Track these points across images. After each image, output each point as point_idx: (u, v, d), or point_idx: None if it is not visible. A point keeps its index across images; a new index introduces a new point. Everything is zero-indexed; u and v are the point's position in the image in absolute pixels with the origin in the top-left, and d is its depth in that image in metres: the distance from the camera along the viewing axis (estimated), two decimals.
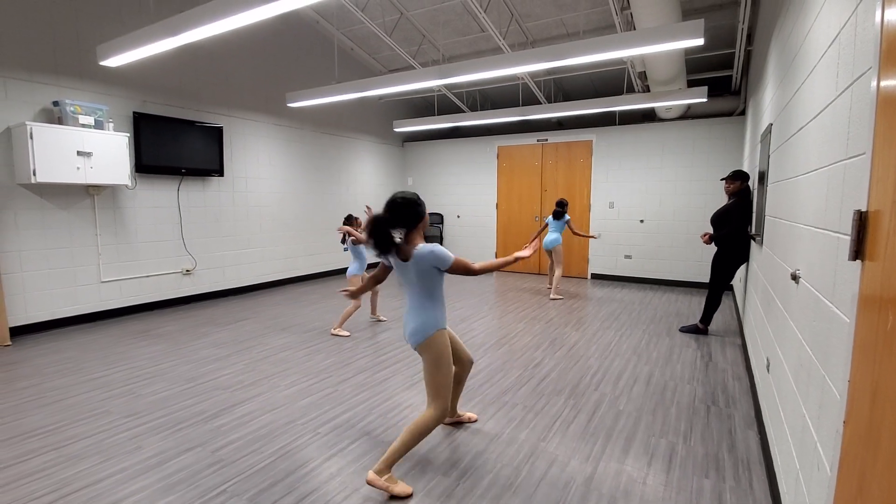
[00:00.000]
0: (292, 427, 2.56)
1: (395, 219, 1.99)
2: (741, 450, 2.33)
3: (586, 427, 2.57)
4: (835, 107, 1.42)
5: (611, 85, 7.25)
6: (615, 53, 3.64)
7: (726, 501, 1.93)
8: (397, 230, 1.99)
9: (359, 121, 8.01)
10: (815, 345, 1.44)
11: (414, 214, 2.00)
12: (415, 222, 2.02)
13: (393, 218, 1.99)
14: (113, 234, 4.89)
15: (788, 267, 2.03)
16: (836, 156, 1.37)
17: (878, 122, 1.03)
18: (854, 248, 1.10)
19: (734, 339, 4.22)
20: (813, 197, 1.65)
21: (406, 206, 1.99)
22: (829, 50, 1.52)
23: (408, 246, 2.00)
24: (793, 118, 2.17)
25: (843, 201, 1.28)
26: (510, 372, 3.38)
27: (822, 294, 1.42)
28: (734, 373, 3.39)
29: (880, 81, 1.01)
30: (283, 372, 3.37)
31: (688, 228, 6.67)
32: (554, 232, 5.92)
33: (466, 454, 2.29)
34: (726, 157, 6.38)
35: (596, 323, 4.75)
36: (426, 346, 2.02)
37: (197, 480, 2.07)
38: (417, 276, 2.00)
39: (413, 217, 2.00)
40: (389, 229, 1.98)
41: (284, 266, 6.83)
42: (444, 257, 1.96)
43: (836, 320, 1.23)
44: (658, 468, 2.17)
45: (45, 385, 3.14)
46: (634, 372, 3.40)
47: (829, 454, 1.19)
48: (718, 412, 2.75)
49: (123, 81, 4.88)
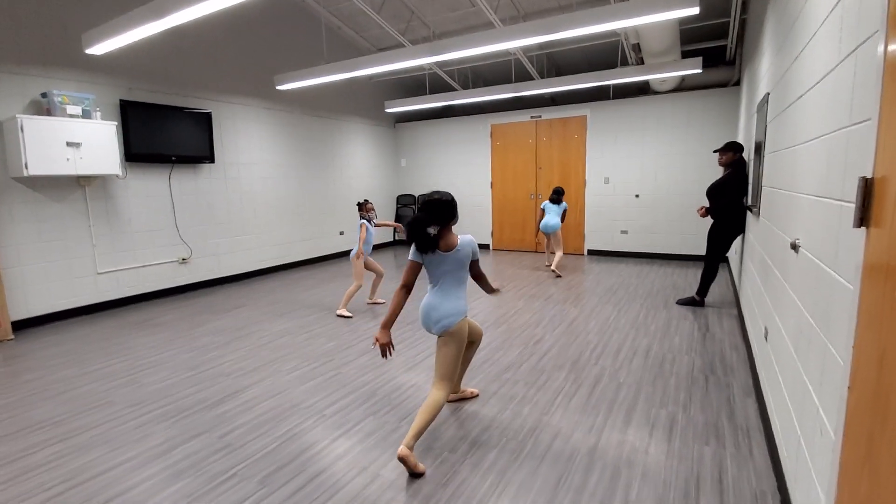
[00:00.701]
0: (297, 410, 2.58)
1: (432, 217, 2.13)
2: (740, 417, 2.38)
3: (588, 400, 2.61)
4: (837, 72, 1.40)
5: (604, 58, 7.15)
6: (609, 25, 3.57)
7: (727, 468, 1.97)
8: (433, 227, 2.13)
9: (349, 102, 7.87)
10: (816, 312, 1.46)
11: (449, 213, 2.16)
12: (448, 220, 2.17)
13: (430, 217, 2.13)
14: (107, 225, 4.83)
15: (787, 237, 2.04)
16: (838, 123, 1.36)
17: (886, 86, 1.01)
18: (859, 216, 1.10)
19: (730, 309, 4.27)
20: (814, 165, 1.64)
21: (442, 206, 2.14)
22: (832, 14, 1.49)
23: (445, 238, 2.16)
24: (792, 86, 2.14)
25: (846, 168, 1.27)
26: (511, 349, 3.41)
27: (823, 262, 1.43)
28: (731, 343, 3.43)
29: (888, 44, 1.00)
30: (284, 357, 3.38)
31: (683, 202, 6.68)
32: (553, 216, 5.90)
33: (472, 429, 2.32)
34: (721, 128, 6.35)
35: (594, 298, 4.78)
36: (453, 332, 2.16)
37: (205, 466, 2.09)
38: (456, 266, 2.18)
39: (448, 215, 2.16)
40: (427, 228, 2.12)
41: (279, 252, 6.80)
42: (477, 247, 2.24)
43: (839, 288, 1.24)
44: (659, 437, 2.21)
45: (50, 377, 3.13)
46: (633, 345, 3.44)
47: (832, 419, 1.21)
48: (717, 381, 2.80)
49: (109, 69, 4.75)
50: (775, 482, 1.87)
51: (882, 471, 0.87)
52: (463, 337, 2.18)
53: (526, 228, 7.98)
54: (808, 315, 1.56)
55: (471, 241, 2.21)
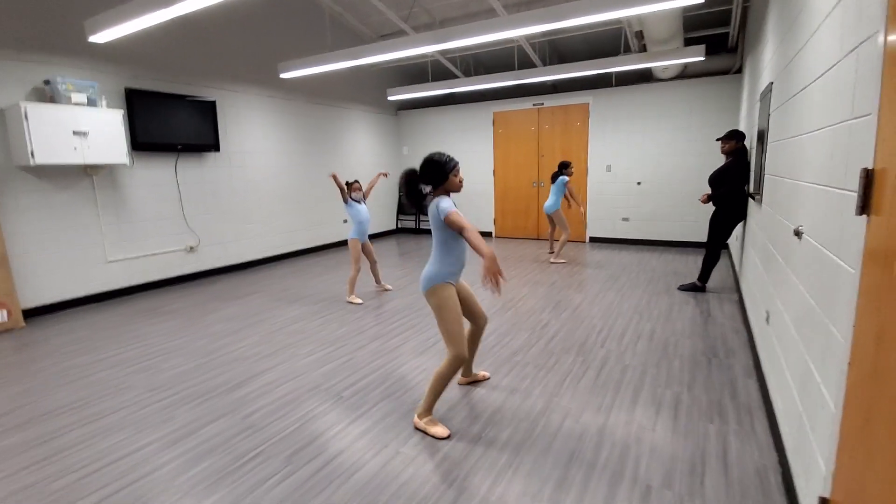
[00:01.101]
0: (316, 393, 2.67)
1: (422, 175, 2.20)
2: (742, 396, 2.48)
3: (595, 381, 2.71)
4: (839, 68, 1.47)
5: (607, 45, 7.15)
6: (616, 13, 3.60)
7: (731, 443, 2.08)
8: (427, 186, 2.21)
9: (351, 90, 7.87)
10: (819, 295, 1.54)
11: (436, 173, 2.17)
12: (438, 180, 2.18)
13: (420, 174, 2.20)
14: (114, 214, 4.88)
15: (791, 224, 2.11)
16: (841, 116, 1.43)
17: (885, 84, 1.08)
18: (860, 204, 1.18)
19: (731, 295, 4.37)
20: (817, 155, 1.71)
21: (428, 164, 2.18)
22: (834, 11, 1.55)
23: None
24: (795, 78, 2.20)
25: (848, 159, 1.34)
26: (519, 333, 3.51)
27: (826, 248, 1.50)
28: (732, 327, 3.53)
29: (887, 44, 1.06)
30: (299, 342, 3.47)
31: (684, 189, 6.75)
32: (551, 196, 5.95)
33: (485, 411, 2.42)
34: (722, 116, 6.39)
35: (597, 285, 4.87)
36: (427, 295, 2.24)
37: (232, 445, 2.18)
38: (433, 228, 2.22)
39: (435, 175, 2.17)
40: (419, 184, 2.20)
41: (285, 240, 6.86)
42: (444, 207, 2.11)
43: (841, 272, 1.32)
44: (666, 416, 2.31)
45: (66, 364, 3.22)
46: (637, 329, 3.54)
47: (833, 393, 1.30)
48: (719, 363, 2.90)
49: (112, 56, 4.76)
50: (776, 456, 1.97)
51: (879, 437, 0.96)
52: (440, 302, 2.19)
53: (529, 216, 8.05)
54: (811, 298, 1.64)
55: (437, 202, 2.13)
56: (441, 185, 2.20)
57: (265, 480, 1.92)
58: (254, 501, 1.80)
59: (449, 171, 2.19)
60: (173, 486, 1.91)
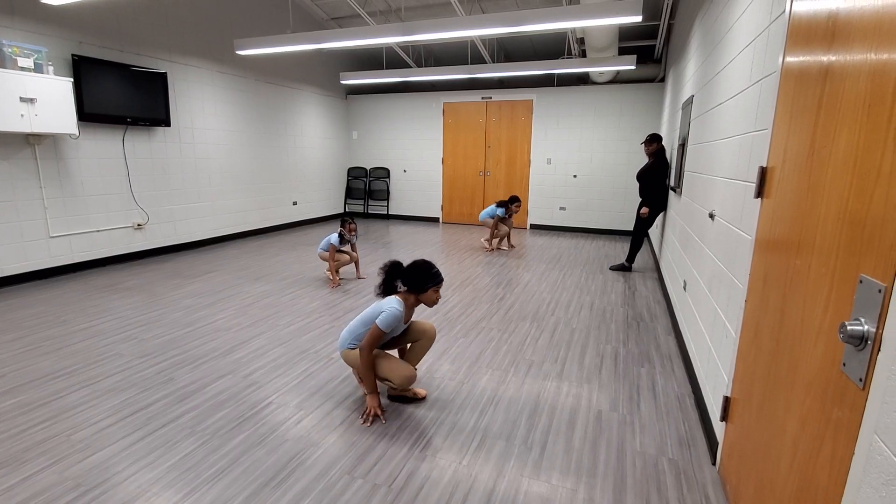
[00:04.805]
0: (306, 355, 2.92)
1: (404, 274, 2.24)
2: (664, 348, 3.10)
3: (550, 341, 3.21)
4: (748, 92, 2.01)
5: (550, 47, 7.74)
6: (566, 24, 4.10)
7: (657, 381, 2.66)
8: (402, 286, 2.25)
9: (301, 70, 7.84)
10: (726, 259, 2.10)
11: (418, 279, 2.19)
12: (416, 287, 2.20)
13: (403, 272, 2.25)
14: (58, 187, 4.65)
15: (706, 209, 2.71)
16: (746, 128, 1.97)
17: (778, 109, 1.60)
18: (756, 191, 1.70)
19: (653, 274, 5.12)
20: (728, 156, 2.28)
21: (415, 269, 2.22)
22: (746, 50, 2.10)
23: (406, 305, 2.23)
24: (714, 94, 2.79)
25: (750, 160, 1.88)
26: (480, 305, 3.95)
27: (732, 224, 2.06)
28: (654, 298, 4.23)
29: (781, 83, 1.58)
30: (276, 314, 3.65)
31: (614, 183, 7.56)
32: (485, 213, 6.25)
33: (465, 361, 2.82)
34: (647, 119, 7.24)
35: (542, 265, 5.45)
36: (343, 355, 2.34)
37: (242, 398, 2.41)
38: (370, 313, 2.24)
39: (416, 281, 2.20)
40: (396, 280, 2.24)
41: (235, 220, 6.79)
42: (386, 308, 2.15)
43: (742, 239, 1.86)
44: (608, 364, 2.86)
45: (35, 336, 3.17)
46: (580, 301, 4.12)
47: (734, 325, 1.85)
48: (645, 326, 3.53)
49: (57, 20, 4.50)
50: (690, 387, 2.57)
51: (762, 343, 1.48)
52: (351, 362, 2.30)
53: (475, 203, 8.53)
54: (720, 262, 2.21)
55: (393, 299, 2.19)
56: (417, 292, 2.21)
57: (283, 422, 2.19)
58: (277, 437, 2.07)
59: (429, 286, 2.19)
60: (198, 430, 2.12)
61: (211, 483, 1.79)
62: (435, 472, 1.87)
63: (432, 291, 2.21)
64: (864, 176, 0.94)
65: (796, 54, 1.42)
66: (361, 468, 1.88)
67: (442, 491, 1.76)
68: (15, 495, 1.72)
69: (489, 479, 1.83)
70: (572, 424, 2.21)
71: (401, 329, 2.34)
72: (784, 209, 1.40)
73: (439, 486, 1.79)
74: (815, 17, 1.29)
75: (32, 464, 1.89)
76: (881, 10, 0.92)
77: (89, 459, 1.92)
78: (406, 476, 1.84)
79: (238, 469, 1.87)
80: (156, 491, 1.74)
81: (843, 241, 1.00)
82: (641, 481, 1.84)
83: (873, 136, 0.92)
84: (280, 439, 2.06)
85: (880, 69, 0.91)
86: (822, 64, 1.21)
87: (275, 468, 1.88)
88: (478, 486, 1.79)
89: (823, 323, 1.06)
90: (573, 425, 2.21)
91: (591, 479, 1.85)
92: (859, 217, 0.94)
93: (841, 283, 0.99)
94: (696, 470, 1.91)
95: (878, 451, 0.80)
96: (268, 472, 1.85)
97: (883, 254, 0.84)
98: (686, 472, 1.89)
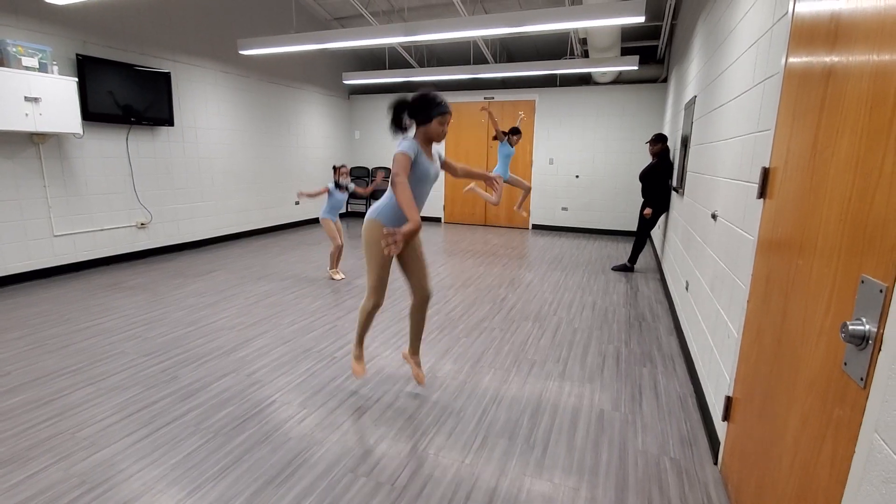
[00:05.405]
0: (309, 354, 2.94)
1: (409, 107, 2.17)
2: (666, 348, 3.11)
3: (553, 341, 3.22)
4: (751, 93, 2.01)
5: (553, 48, 7.74)
6: (569, 25, 4.10)
7: (659, 380, 2.66)
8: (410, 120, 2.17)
9: (304, 70, 7.85)
10: (728, 259, 2.10)
11: (421, 109, 2.13)
12: (420, 118, 2.14)
13: (408, 106, 2.17)
14: (62, 186, 4.68)
15: (708, 210, 2.71)
16: (749, 129, 1.98)
17: (780, 110, 1.60)
18: (759, 191, 1.71)
19: (655, 274, 5.12)
20: (731, 157, 2.28)
21: (418, 99, 2.15)
22: (749, 51, 2.10)
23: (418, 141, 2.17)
24: (717, 95, 2.80)
25: (752, 161, 1.88)
26: (482, 305, 3.95)
27: (734, 225, 2.06)
28: (656, 298, 4.23)
29: (784, 84, 1.58)
30: (279, 314, 3.67)
31: (616, 183, 7.56)
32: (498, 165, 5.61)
33: (469, 360, 2.83)
34: (650, 119, 7.23)
35: (544, 265, 5.46)
36: (363, 228, 2.27)
37: (245, 396, 2.42)
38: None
39: (420, 111, 2.13)
40: (403, 113, 2.16)
41: (238, 220, 6.81)
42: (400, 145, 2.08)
43: (744, 240, 1.87)
44: (610, 364, 2.86)
45: (40, 334, 3.19)
46: (581, 301, 4.12)
47: (736, 326, 1.85)
48: (647, 326, 3.53)
49: (62, 20, 4.53)
50: (692, 387, 2.58)
51: (764, 343, 1.49)
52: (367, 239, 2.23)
53: (477, 204, 8.54)
54: (723, 263, 2.21)
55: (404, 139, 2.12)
56: (422, 125, 2.14)
57: (287, 421, 2.20)
58: (281, 435, 2.09)
59: (434, 115, 2.12)
60: (202, 428, 2.14)
61: (215, 481, 1.80)
62: (438, 470, 1.88)
63: (437, 123, 2.14)
64: (866, 177, 0.94)
65: (799, 55, 1.43)
66: (364, 466, 1.89)
67: (445, 489, 1.77)
68: (20, 492, 1.73)
69: (492, 478, 1.84)
70: (574, 424, 2.22)
71: (431, 170, 2.21)
72: (786, 210, 1.41)
73: (442, 484, 1.80)
74: (817, 19, 1.29)
75: (38, 461, 1.91)
76: (883, 12, 0.93)
77: (94, 457, 1.93)
78: (409, 474, 1.85)
79: (242, 467, 1.88)
80: (160, 488, 1.75)
81: (845, 242, 1.01)
82: (643, 480, 1.84)
83: (875, 138, 0.92)
84: (283, 437, 2.07)
85: (882, 70, 0.92)
86: (824, 65, 1.21)
87: (278, 466, 1.89)
88: (480, 484, 1.80)
89: (825, 323, 1.07)
90: (575, 424, 2.21)
91: (594, 477, 1.86)
92: (861, 218, 0.95)
93: (842, 283, 1.00)
94: (697, 469, 1.91)
95: (878, 450, 0.81)
96: (271, 470, 1.86)
97: (884, 254, 0.84)
98: (688, 472, 1.90)
